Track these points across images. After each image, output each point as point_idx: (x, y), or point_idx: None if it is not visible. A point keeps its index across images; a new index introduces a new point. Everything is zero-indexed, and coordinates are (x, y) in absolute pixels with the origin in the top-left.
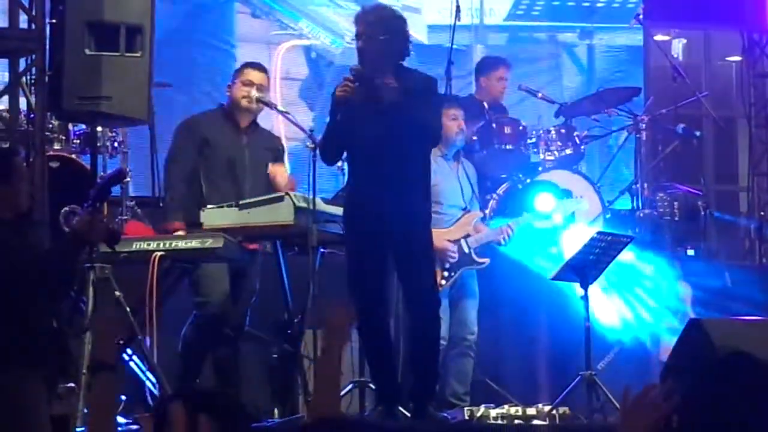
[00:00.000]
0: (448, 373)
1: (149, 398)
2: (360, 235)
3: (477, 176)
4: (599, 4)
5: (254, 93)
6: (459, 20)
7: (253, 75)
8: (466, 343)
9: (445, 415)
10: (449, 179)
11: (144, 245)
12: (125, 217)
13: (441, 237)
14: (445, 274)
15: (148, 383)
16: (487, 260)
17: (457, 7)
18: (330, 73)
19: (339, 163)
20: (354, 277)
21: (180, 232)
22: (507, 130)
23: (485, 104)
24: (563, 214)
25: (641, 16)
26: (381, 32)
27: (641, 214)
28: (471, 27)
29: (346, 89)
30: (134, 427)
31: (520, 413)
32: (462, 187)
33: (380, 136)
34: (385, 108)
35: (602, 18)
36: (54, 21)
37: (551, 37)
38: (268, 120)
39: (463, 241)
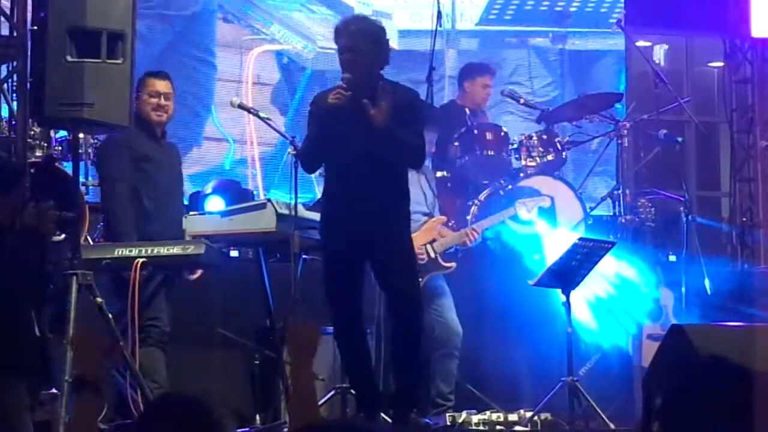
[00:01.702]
0: (434, 374)
1: (131, 405)
2: (336, 243)
3: (459, 182)
4: (572, 9)
5: (162, 102)
6: (441, 26)
7: (159, 85)
8: (452, 344)
9: (427, 421)
10: (411, 186)
11: (126, 251)
12: None
13: None
14: None
15: (129, 389)
16: (453, 264)
17: (438, 12)
18: (302, 78)
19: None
20: (329, 286)
21: None
22: (489, 135)
23: (467, 110)
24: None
25: (623, 22)
26: (364, 43)
27: (623, 220)
28: (443, 32)
29: (339, 96)
30: None
31: (501, 419)
32: (425, 192)
33: (364, 149)
34: (361, 123)
35: (575, 22)
36: (35, 28)
37: (523, 41)
38: (241, 124)
39: (428, 246)
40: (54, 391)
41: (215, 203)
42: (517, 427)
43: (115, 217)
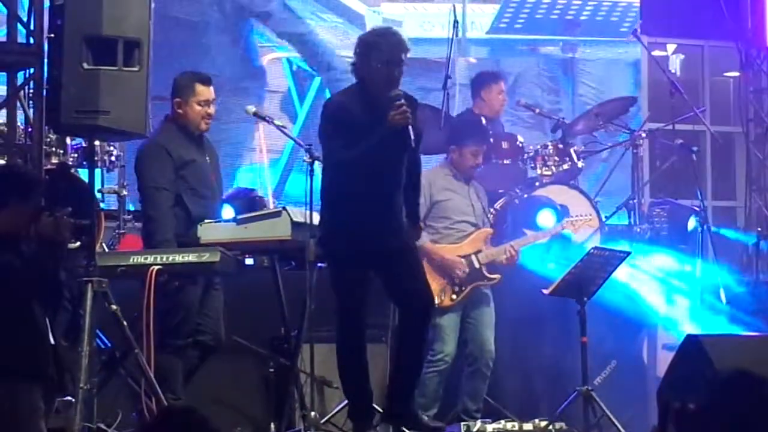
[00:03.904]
0: (462, 390)
1: (146, 411)
2: (345, 252)
3: None
4: (582, 17)
5: (211, 111)
6: (457, 35)
7: (207, 92)
8: (483, 362)
9: (440, 424)
10: (459, 196)
11: (141, 259)
12: (122, 231)
13: (451, 251)
14: (456, 289)
15: (144, 397)
16: (498, 276)
17: (455, 21)
18: (312, 86)
19: None
20: (342, 291)
21: None
22: (504, 145)
23: (483, 119)
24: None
25: (639, 31)
26: (404, 56)
27: (638, 230)
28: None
29: (405, 116)
30: None
31: (516, 428)
32: (473, 204)
33: (387, 159)
34: (398, 134)
35: (585, 31)
36: (52, 35)
37: (533, 50)
38: (250, 132)
39: (473, 257)
40: (69, 398)
41: (226, 212)
42: None
43: (157, 225)
